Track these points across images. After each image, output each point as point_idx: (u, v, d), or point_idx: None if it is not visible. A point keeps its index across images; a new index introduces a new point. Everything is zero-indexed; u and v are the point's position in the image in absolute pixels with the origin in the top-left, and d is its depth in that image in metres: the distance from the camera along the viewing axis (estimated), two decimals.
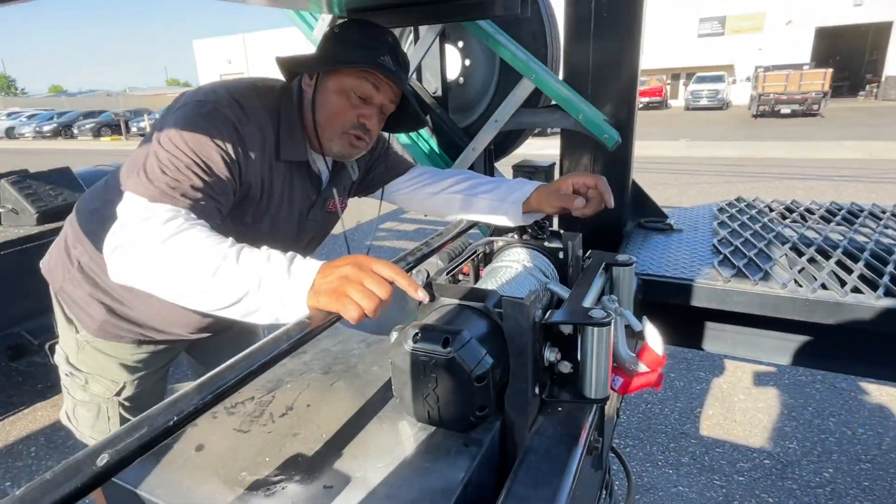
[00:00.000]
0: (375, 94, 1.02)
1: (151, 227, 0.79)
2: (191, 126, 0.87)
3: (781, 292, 1.15)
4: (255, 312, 0.77)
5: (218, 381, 0.60)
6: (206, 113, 0.90)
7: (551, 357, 0.76)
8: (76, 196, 2.15)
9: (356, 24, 1.05)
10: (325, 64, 1.01)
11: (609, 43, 1.48)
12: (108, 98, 44.03)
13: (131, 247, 0.79)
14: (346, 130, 1.03)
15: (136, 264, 0.79)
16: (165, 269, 0.77)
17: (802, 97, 17.40)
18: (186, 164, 0.85)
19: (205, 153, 0.87)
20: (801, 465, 1.96)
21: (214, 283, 0.75)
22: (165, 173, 0.84)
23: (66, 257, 1.13)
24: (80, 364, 1.19)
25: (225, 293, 0.75)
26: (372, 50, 0.99)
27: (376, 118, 1.05)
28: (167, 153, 0.85)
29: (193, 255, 0.76)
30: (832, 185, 7.02)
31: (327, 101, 1.02)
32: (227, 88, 0.96)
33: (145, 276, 0.79)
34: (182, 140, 0.86)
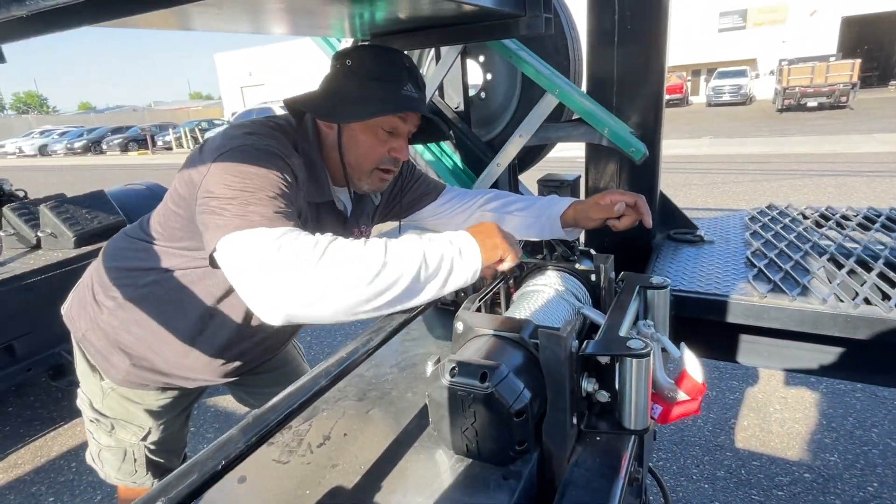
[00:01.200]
0: (403, 126, 1.02)
1: (298, 249, 0.74)
2: (247, 162, 0.84)
3: (822, 308, 1.12)
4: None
5: (261, 423, 0.61)
6: (253, 148, 0.86)
7: (589, 387, 0.75)
8: (110, 219, 2.22)
9: (370, 54, 0.99)
10: (359, 114, 0.96)
11: (633, 54, 1.47)
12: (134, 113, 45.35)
13: (291, 277, 0.73)
14: (377, 167, 1.03)
15: (308, 291, 0.73)
16: (353, 281, 0.74)
17: (830, 89, 16.90)
18: (268, 193, 0.81)
19: (273, 181, 0.84)
20: (844, 478, 1.89)
21: (421, 277, 0.78)
22: (255, 204, 0.79)
23: (93, 304, 1.11)
24: (106, 410, 1.18)
25: (436, 281, 0.80)
26: (393, 83, 0.96)
27: (406, 148, 1.05)
28: (241, 192, 0.80)
29: (370, 260, 0.75)
30: (865, 181, 6.79)
31: (355, 142, 1.00)
32: (252, 129, 0.93)
33: (328, 298, 0.73)
34: (243, 175, 0.82)
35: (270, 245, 0.74)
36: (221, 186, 0.81)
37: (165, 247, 1.02)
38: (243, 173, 0.82)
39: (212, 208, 0.81)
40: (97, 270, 1.14)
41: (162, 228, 1.02)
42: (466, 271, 0.81)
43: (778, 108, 18.07)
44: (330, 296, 0.73)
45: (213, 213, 0.80)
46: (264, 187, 0.81)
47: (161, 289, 1.05)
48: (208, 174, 0.84)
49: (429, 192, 1.27)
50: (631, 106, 1.52)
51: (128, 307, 1.07)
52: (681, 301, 1.27)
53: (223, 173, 0.83)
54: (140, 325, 1.08)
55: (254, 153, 0.85)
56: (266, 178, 0.83)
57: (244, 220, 0.77)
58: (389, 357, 1.11)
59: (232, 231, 0.76)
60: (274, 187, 0.83)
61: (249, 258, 0.75)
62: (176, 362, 1.12)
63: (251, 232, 0.76)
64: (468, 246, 0.81)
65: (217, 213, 0.79)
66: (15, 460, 2.42)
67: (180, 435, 1.33)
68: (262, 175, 0.83)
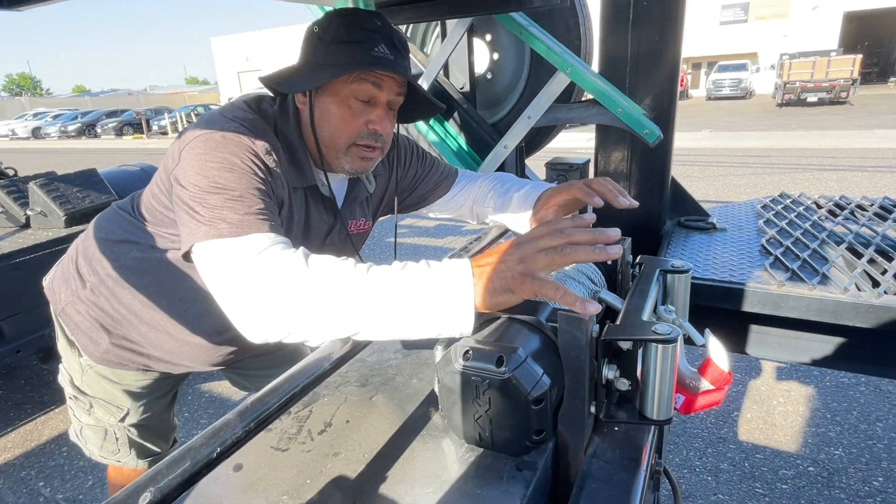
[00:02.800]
0: (379, 94, 0.90)
1: (263, 269, 0.70)
2: (216, 154, 0.79)
3: (843, 297, 1.08)
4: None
5: (261, 407, 0.57)
6: (224, 137, 0.81)
7: (609, 375, 0.71)
8: (102, 198, 2.15)
9: (336, 17, 0.89)
10: (312, 80, 0.87)
11: (649, 33, 1.41)
12: (129, 97, 44.86)
13: (263, 297, 0.69)
14: (354, 143, 0.92)
15: (280, 313, 0.69)
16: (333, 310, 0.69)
17: (830, 84, 16.86)
18: (237, 192, 0.77)
19: (243, 176, 0.79)
20: (849, 472, 1.87)
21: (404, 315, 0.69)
22: (222, 207, 0.75)
23: (75, 277, 1.06)
24: (85, 387, 1.14)
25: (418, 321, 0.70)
26: (363, 44, 0.86)
27: (386, 119, 0.93)
28: (209, 193, 0.76)
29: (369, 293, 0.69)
30: (866, 176, 6.77)
31: (327, 116, 0.90)
32: (229, 114, 0.86)
33: (299, 325, 0.70)
34: (211, 171, 0.78)
35: (237, 261, 0.71)
36: (189, 181, 0.78)
37: (153, 229, 0.98)
38: (210, 167, 0.77)
39: (184, 203, 0.77)
40: (83, 242, 1.09)
41: (148, 213, 0.97)
42: (453, 325, 0.69)
43: (778, 102, 18.02)
44: (296, 323, 0.69)
45: (184, 209, 0.77)
46: (232, 184, 0.77)
47: (146, 265, 1.00)
48: (180, 162, 0.80)
49: (442, 182, 1.19)
50: (645, 87, 1.46)
51: (111, 282, 1.02)
52: (694, 288, 1.23)
53: (191, 165, 0.79)
54: (123, 302, 1.03)
55: (223, 142, 0.80)
56: (234, 171, 0.78)
57: (212, 229, 0.73)
58: (392, 342, 1.06)
59: (201, 239, 0.74)
60: (243, 182, 0.77)
61: (218, 273, 0.73)
62: (158, 345, 1.07)
63: (218, 243, 0.73)
64: (460, 298, 0.68)
65: (187, 212, 0.76)
66: (4, 444, 2.37)
67: (163, 418, 1.27)
68: (230, 169, 0.78)
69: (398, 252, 2.81)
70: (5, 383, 2.87)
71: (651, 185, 1.54)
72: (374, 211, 1.17)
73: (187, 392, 2.68)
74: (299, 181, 0.94)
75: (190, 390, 2.70)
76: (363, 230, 1.14)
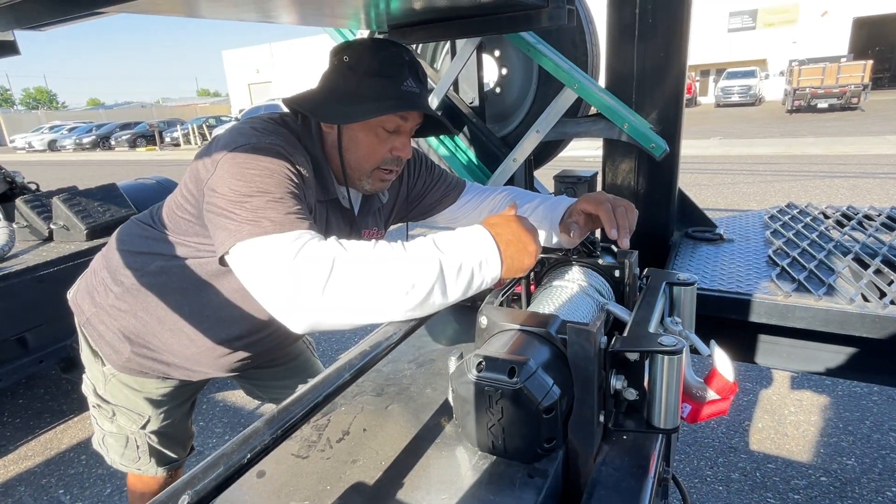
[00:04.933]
0: (404, 124, 0.98)
1: (313, 257, 0.73)
2: (254, 162, 0.83)
3: (849, 308, 1.10)
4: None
5: (286, 416, 0.60)
6: (260, 146, 0.85)
7: (617, 385, 0.73)
8: (122, 212, 2.21)
9: (368, 49, 0.95)
10: (351, 114, 0.92)
11: (655, 49, 1.45)
12: (142, 109, 45.60)
13: (307, 286, 0.72)
14: (378, 167, 1.00)
15: (325, 301, 0.73)
16: (371, 293, 0.74)
17: (841, 90, 16.74)
18: (277, 195, 0.80)
19: (281, 181, 0.83)
20: (862, 482, 1.86)
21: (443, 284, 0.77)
22: (264, 208, 0.78)
23: (99, 289, 1.11)
24: (108, 396, 1.19)
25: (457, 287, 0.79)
26: (394, 79, 0.93)
27: (408, 144, 1.02)
28: (249, 196, 0.79)
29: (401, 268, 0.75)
30: (878, 182, 6.71)
31: (355, 142, 0.97)
32: (260, 127, 0.91)
33: (344, 307, 0.74)
34: (251, 176, 0.81)
35: (285, 253, 0.74)
36: (228, 187, 0.80)
37: (175, 238, 1.02)
38: (251, 174, 0.81)
39: (220, 209, 0.80)
40: (106, 255, 1.14)
41: (170, 222, 1.01)
42: (486, 278, 0.81)
43: (788, 108, 17.91)
44: (345, 306, 0.73)
45: (222, 214, 0.80)
46: (272, 189, 0.80)
47: (169, 276, 1.05)
48: (216, 172, 0.83)
49: (449, 193, 1.24)
50: (651, 102, 1.49)
51: (135, 291, 1.07)
52: (701, 299, 1.25)
53: (230, 173, 0.81)
54: (146, 310, 1.08)
55: (261, 152, 0.84)
56: (273, 178, 0.82)
57: (256, 227, 0.76)
58: (406, 353, 1.09)
59: (244, 238, 0.76)
60: (282, 187, 0.81)
61: (264, 267, 0.75)
62: (179, 352, 1.11)
63: (264, 240, 0.76)
64: (489, 256, 0.80)
65: (226, 216, 0.79)
66: (25, 452, 2.42)
67: (183, 425, 1.32)
68: (270, 175, 0.82)
69: None
70: (26, 392, 2.93)
71: (658, 197, 1.56)
72: (385, 220, 1.23)
73: (202, 402, 2.72)
74: (323, 195, 1.00)
75: (205, 400, 2.75)
76: (372, 238, 1.19)
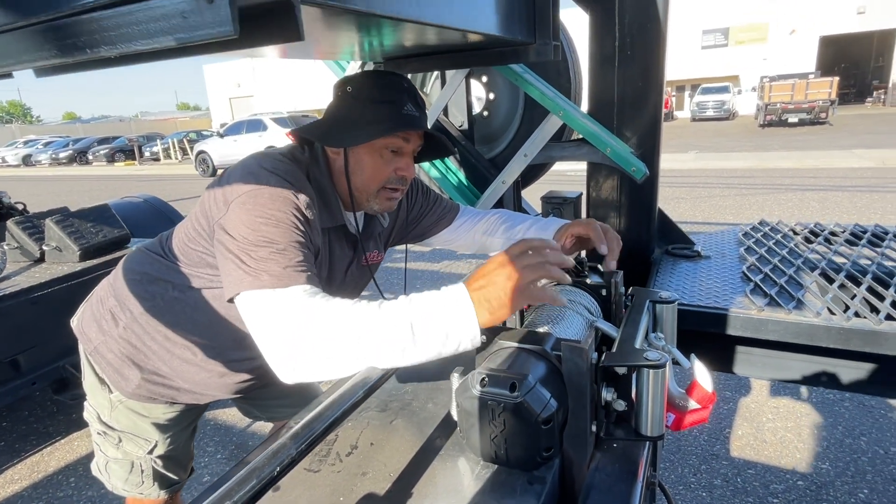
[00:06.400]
0: (406, 146, 1.04)
1: (301, 317, 0.79)
2: (263, 207, 0.88)
3: (816, 321, 1.19)
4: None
5: (309, 431, 0.65)
6: (270, 190, 0.90)
7: (608, 397, 0.80)
8: (115, 232, 2.23)
9: (369, 79, 1.04)
10: (358, 137, 1.00)
11: (633, 76, 1.54)
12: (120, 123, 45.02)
13: (302, 345, 0.78)
14: (384, 187, 1.06)
15: (317, 358, 0.78)
16: (351, 348, 0.78)
17: (810, 105, 17.39)
18: (280, 246, 0.85)
19: (287, 230, 0.88)
20: (836, 485, 1.96)
21: (416, 343, 0.77)
22: (267, 259, 0.83)
23: (107, 318, 1.13)
24: (114, 422, 1.20)
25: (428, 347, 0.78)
26: (395, 104, 1.00)
27: (411, 165, 1.08)
28: (256, 246, 0.84)
29: (373, 328, 0.77)
30: (847, 195, 6.99)
31: (361, 165, 1.03)
32: (269, 166, 0.95)
33: (331, 365, 0.79)
34: (258, 224, 0.86)
35: (276, 310, 0.80)
36: (238, 232, 0.86)
37: (188, 269, 1.06)
38: (258, 222, 0.86)
39: (229, 251, 0.86)
40: (113, 284, 1.16)
41: (182, 254, 1.05)
42: (462, 340, 0.78)
43: (760, 123, 18.51)
44: (320, 362, 0.78)
45: (229, 258, 0.86)
46: (278, 239, 0.86)
47: (180, 303, 1.08)
48: (228, 213, 0.89)
49: (445, 215, 1.31)
50: (631, 127, 1.59)
51: (144, 320, 1.10)
52: (682, 314, 1.33)
53: (240, 218, 0.87)
54: (155, 338, 1.11)
55: (272, 199, 0.89)
56: (280, 227, 0.87)
57: (256, 279, 0.82)
58: (407, 370, 1.14)
59: (245, 289, 0.82)
60: (287, 236, 0.87)
61: (257, 320, 0.81)
62: (189, 377, 1.14)
63: (260, 294, 0.81)
64: (462, 320, 0.77)
65: (234, 261, 0.85)
66: (12, 476, 2.39)
67: (186, 448, 1.35)
68: (276, 224, 0.87)
69: (406, 276, 2.90)
70: (10, 415, 2.88)
71: (639, 216, 1.65)
72: (385, 242, 1.29)
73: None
74: (329, 222, 1.05)
75: None
76: (376, 261, 1.25)
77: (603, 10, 1.54)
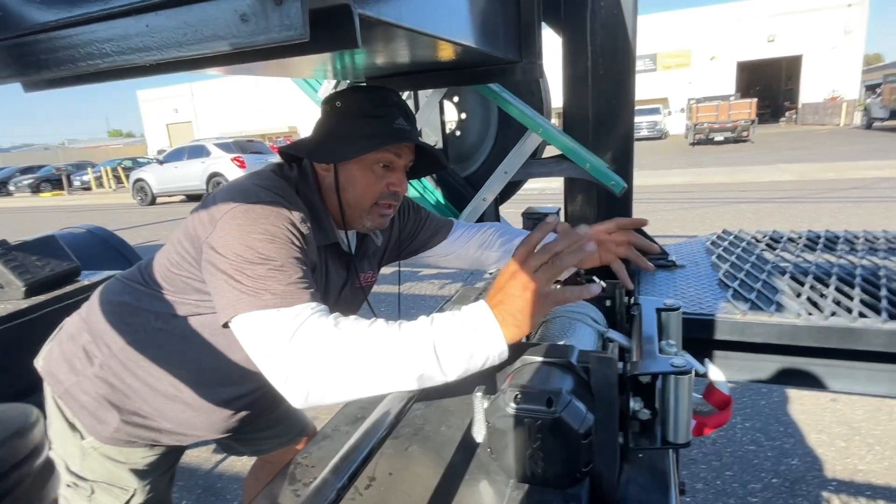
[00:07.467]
0: (398, 160, 1.02)
1: (312, 338, 0.74)
2: (256, 224, 0.82)
3: (798, 321, 1.25)
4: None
5: (349, 464, 0.61)
6: (262, 207, 0.85)
7: (636, 407, 0.80)
8: (64, 265, 2.06)
9: (358, 94, 1.01)
10: (350, 151, 0.97)
11: (606, 96, 1.60)
12: (45, 152, 42.34)
13: (317, 369, 0.73)
14: (376, 202, 1.03)
15: (334, 382, 0.74)
16: (363, 370, 0.74)
17: (733, 125, 18.78)
18: (279, 263, 0.80)
19: (284, 246, 0.82)
20: (807, 479, 2.05)
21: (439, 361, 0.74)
22: (266, 278, 0.78)
23: (80, 357, 1.03)
24: (86, 472, 1.08)
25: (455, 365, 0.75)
26: (385, 118, 0.98)
27: (404, 180, 1.06)
28: (252, 264, 0.79)
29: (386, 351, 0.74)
30: (776, 206, 7.53)
31: (352, 181, 1.00)
32: (260, 182, 0.92)
33: (348, 388, 0.74)
34: (253, 242, 0.80)
35: (283, 332, 0.74)
36: (230, 249, 0.80)
37: (173, 297, 0.98)
38: (252, 238, 0.80)
39: (221, 271, 0.80)
40: (86, 318, 1.06)
41: (165, 280, 0.98)
42: (491, 356, 0.75)
43: (690, 141, 19.78)
44: (339, 386, 0.74)
45: (223, 279, 0.79)
46: (274, 255, 0.80)
47: (164, 335, 1.00)
48: (216, 231, 0.83)
49: (439, 230, 1.29)
50: (605, 143, 1.64)
51: (124, 355, 1.01)
52: None
53: (231, 235, 0.81)
54: (137, 375, 1.02)
55: (261, 212, 0.84)
56: (276, 242, 0.82)
57: (256, 299, 0.76)
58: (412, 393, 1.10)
59: (245, 310, 0.76)
60: (284, 252, 0.81)
61: (263, 343, 0.76)
62: (174, 417, 1.05)
63: (264, 314, 0.76)
64: (488, 335, 0.75)
65: (227, 282, 0.79)
66: None
67: (166, 495, 1.23)
68: (272, 240, 0.81)
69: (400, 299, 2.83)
70: None
71: None
72: (378, 262, 1.25)
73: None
74: (322, 240, 1.00)
75: None
76: (371, 282, 1.21)
77: (574, 32, 1.60)
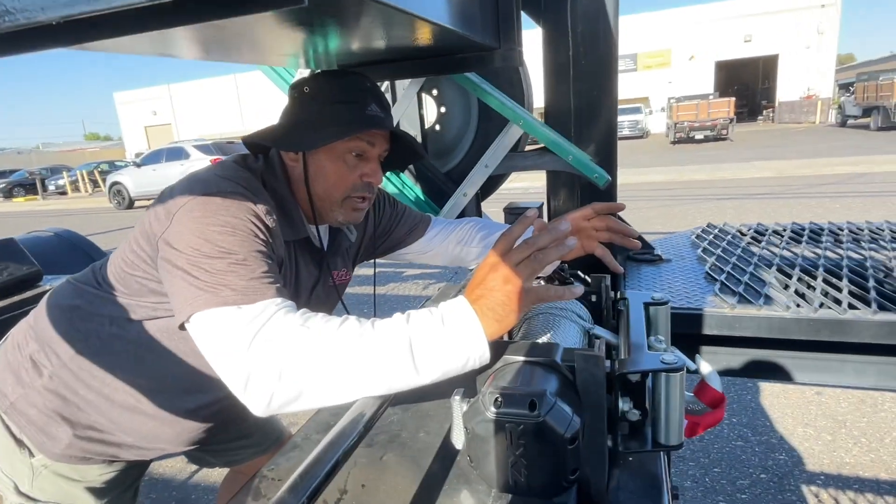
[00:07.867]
0: (371, 149, 0.95)
1: (275, 338, 0.68)
2: (215, 215, 0.76)
3: (787, 314, 1.21)
4: None
5: (309, 481, 0.54)
6: (221, 198, 0.78)
7: (625, 407, 0.75)
8: (23, 269, 1.95)
9: (328, 78, 0.95)
10: (316, 139, 0.90)
11: (588, 88, 1.56)
12: (18, 156, 41.19)
13: (281, 373, 0.67)
14: (349, 195, 0.96)
15: (300, 388, 0.68)
16: (341, 371, 0.68)
17: (713, 123, 19.05)
18: (240, 256, 0.74)
19: (245, 238, 0.76)
20: (795, 475, 2.03)
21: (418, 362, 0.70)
22: (226, 272, 0.72)
23: (27, 367, 0.95)
24: (37, 493, 1.00)
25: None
26: (357, 104, 0.91)
27: (378, 171, 0.98)
28: (210, 258, 0.73)
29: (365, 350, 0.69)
30: (757, 202, 7.62)
31: (322, 171, 0.93)
32: (221, 173, 0.85)
33: (316, 394, 0.68)
34: (212, 234, 0.74)
35: (244, 332, 0.68)
36: (187, 244, 0.74)
37: (127, 299, 0.91)
38: (211, 231, 0.74)
39: (178, 268, 0.73)
40: (34, 325, 0.98)
41: (119, 282, 0.90)
42: (471, 356, 0.71)
43: (671, 140, 20.00)
44: (305, 391, 0.68)
45: (179, 275, 0.73)
46: (236, 248, 0.74)
47: (120, 340, 0.92)
48: (172, 225, 0.76)
49: (416, 226, 1.23)
50: (588, 136, 1.60)
51: (76, 364, 0.93)
52: None
53: (188, 228, 0.75)
54: (91, 385, 0.94)
55: (220, 203, 0.77)
56: (237, 235, 0.75)
57: (215, 296, 0.70)
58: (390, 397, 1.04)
59: (202, 308, 0.70)
60: (246, 245, 0.75)
61: (221, 344, 0.69)
62: (133, 429, 0.97)
63: (223, 311, 0.69)
64: (469, 332, 0.70)
65: (184, 278, 0.72)
66: None
67: None
68: (233, 232, 0.75)
69: (377, 299, 2.77)
70: None
71: None
72: (353, 259, 1.18)
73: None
74: (291, 235, 0.94)
75: None
76: (345, 280, 1.14)
77: (555, 21, 1.55)
